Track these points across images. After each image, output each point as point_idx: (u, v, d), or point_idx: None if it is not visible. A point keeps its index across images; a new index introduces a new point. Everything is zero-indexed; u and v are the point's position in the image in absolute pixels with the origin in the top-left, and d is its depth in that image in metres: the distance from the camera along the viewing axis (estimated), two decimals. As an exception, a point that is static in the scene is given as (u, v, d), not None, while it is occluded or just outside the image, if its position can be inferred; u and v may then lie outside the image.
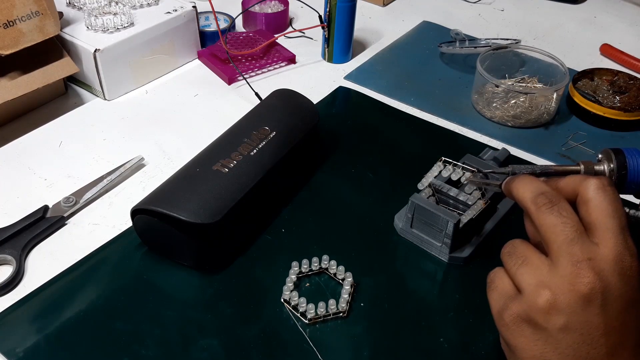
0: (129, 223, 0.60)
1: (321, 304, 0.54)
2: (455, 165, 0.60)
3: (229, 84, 0.84)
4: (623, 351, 0.38)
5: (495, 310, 0.42)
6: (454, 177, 0.60)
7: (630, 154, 0.47)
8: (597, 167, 0.47)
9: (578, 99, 0.80)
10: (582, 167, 0.47)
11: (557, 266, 0.39)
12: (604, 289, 0.38)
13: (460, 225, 0.57)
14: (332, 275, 0.58)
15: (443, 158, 0.61)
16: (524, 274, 0.40)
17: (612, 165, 0.46)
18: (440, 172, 0.61)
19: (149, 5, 0.84)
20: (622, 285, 0.38)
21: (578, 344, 0.38)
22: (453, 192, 0.59)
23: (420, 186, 0.60)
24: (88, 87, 0.81)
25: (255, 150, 0.62)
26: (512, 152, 0.73)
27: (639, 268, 0.39)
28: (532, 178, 0.43)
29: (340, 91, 0.84)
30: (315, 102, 0.79)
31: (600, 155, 0.48)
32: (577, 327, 0.38)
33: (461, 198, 0.59)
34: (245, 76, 0.84)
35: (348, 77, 0.87)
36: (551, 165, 0.49)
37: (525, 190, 0.42)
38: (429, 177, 0.61)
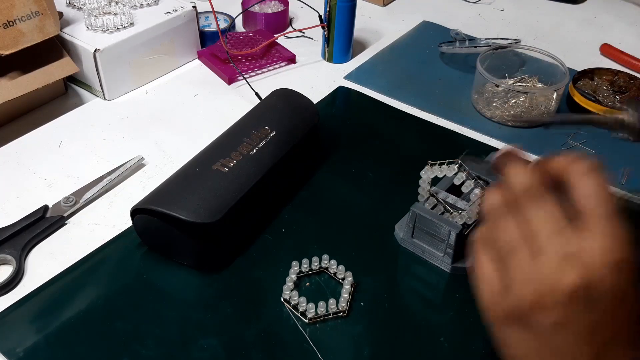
0: (129, 223, 0.60)
1: (321, 304, 0.53)
2: (445, 164, 0.56)
3: (229, 84, 0.84)
4: (616, 346, 0.37)
5: (485, 305, 0.41)
6: (457, 182, 0.57)
7: None
8: (620, 116, 0.49)
9: (578, 98, 0.80)
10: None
11: (542, 261, 0.37)
12: (590, 285, 0.35)
13: (466, 232, 0.56)
14: (332, 274, 0.58)
15: (430, 161, 0.57)
16: (512, 265, 0.38)
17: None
18: (436, 176, 0.57)
19: (148, 5, 0.84)
20: (611, 279, 0.35)
21: (568, 341, 0.37)
22: (451, 199, 0.58)
23: (420, 198, 0.59)
24: (88, 87, 0.81)
25: (255, 150, 0.62)
26: (512, 152, 0.73)
27: (630, 258, 0.36)
28: (521, 167, 0.40)
29: (340, 91, 0.84)
30: (315, 102, 0.79)
31: (625, 107, 0.49)
32: (565, 324, 0.36)
33: (460, 205, 0.58)
34: (245, 76, 0.84)
35: (348, 77, 0.87)
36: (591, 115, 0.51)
37: (513, 182, 0.40)
38: (425, 186, 0.58)
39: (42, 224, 0.60)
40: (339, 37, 0.87)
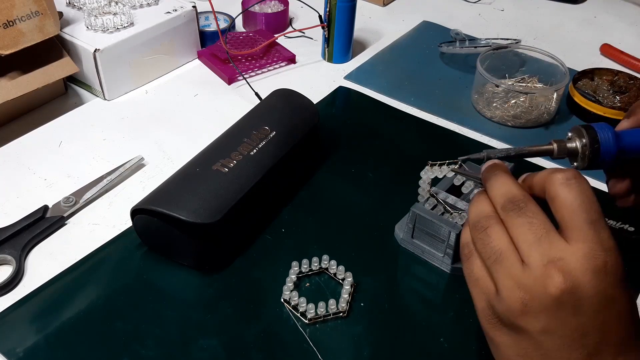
0: (129, 223, 0.60)
1: (321, 304, 0.53)
2: (444, 165, 0.55)
3: (229, 84, 0.84)
4: (607, 348, 0.37)
5: (479, 308, 0.41)
6: (457, 183, 0.57)
7: (600, 128, 0.46)
8: (569, 145, 0.46)
9: (578, 98, 0.80)
10: (555, 145, 0.46)
11: (528, 266, 0.38)
12: (575, 290, 0.36)
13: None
14: (332, 275, 0.58)
15: (430, 162, 0.55)
16: (499, 272, 0.39)
17: (584, 141, 0.45)
18: (436, 177, 0.56)
19: (148, 5, 0.84)
20: (596, 283, 0.36)
21: (559, 345, 0.37)
22: (451, 199, 0.58)
23: (420, 198, 0.59)
24: (88, 87, 0.81)
25: (255, 150, 0.62)
26: (512, 152, 0.73)
27: (616, 262, 0.37)
28: (504, 178, 0.42)
29: (340, 91, 0.84)
30: (315, 102, 0.79)
31: (570, 134, 0.47)
32: (555, 329, 0.37)
33: (459, 206, 0.58)
34: (245, 76, 0.84)
35: (348, 77, 0.87)
36: (525, 147, 0.48)
37: (496, 194, 0.42)
38: (425, 187, 0.58)
39: (42, 224, 0.60)
40: (339, 37, 0.87)
